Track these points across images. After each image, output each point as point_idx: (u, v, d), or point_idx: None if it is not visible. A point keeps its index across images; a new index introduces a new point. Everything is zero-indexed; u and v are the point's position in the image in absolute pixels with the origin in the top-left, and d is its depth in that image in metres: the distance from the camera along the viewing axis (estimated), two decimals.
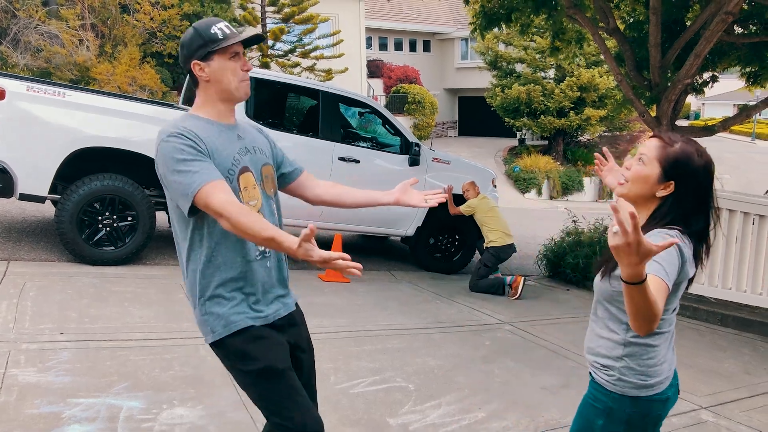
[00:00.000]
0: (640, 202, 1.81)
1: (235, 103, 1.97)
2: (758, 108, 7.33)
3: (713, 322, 5.94)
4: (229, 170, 1.89)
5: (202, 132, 1.87)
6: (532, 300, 6.50)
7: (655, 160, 1.77)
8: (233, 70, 1.90)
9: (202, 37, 1.88)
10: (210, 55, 1.88)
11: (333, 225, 6.69)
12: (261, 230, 1.71)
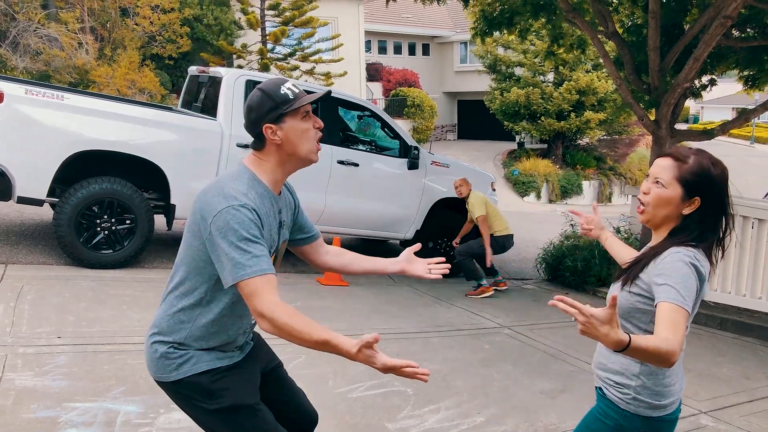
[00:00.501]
0: (665, 223, 1.80)
1: (301, 167, 1.87)
2: (757, 111, 7.33)
3: (712, 326, 5.93)
4: (270, 248, 1.80)
5: (262, 207, 1.78)
6: (532, 304, 6.49)
7: (675, 180, 1.75)
8: (306, 130, 1.81)
9: (272, 98, 1.78)
10: (282, 118, 1.78)
11: (332, 228, 6.68)
12: (313, 333, 1.60)
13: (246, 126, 1.83)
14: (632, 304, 1.75)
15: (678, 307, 1.58)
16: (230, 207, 1.69)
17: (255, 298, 1.64)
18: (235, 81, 6.06)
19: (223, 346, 1.86)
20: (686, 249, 1.69)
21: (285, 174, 1.87)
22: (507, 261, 8.90)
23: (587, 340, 4.48)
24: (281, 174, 1.86)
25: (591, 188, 23.28)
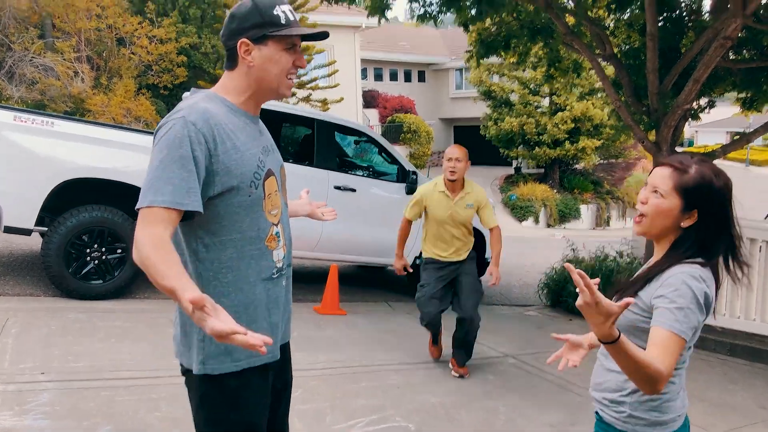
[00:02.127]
0: (664, 235, 1.71)
1: (271, 99, 1.72)
2: (758, 133, 7.26)
3: (722, 353, 5.76)
4: (255, 174, 1.62)
5: (227, 121, 1.58)
6: (535, 331, 6.31)
7: (673, 190, 1.65)
8: (285, 62, 1.64)
9: (261, 14, 1.61)
10: (265, 39, 1.61)
11: (329, 255, 6.52)
12: (165, 277, 1.38)
13: (222, 35, 1.65)
14: (632, 322, 1.65)
15: (673, 334, 1.49)
16: (168, 121, 1.53)
17: (138, 224, 1.45)
18: None
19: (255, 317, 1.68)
20: (691, 267, 1.60)
21: (256, 102, 1.71)
22: (509, 287, 8.73)
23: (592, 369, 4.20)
24: (254, 101, 1.70)
25: (589, 212, 23.20)
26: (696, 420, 4.09)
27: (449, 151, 4.41)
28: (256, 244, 1.64)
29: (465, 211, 4.46)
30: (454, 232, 4.48)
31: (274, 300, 1.71)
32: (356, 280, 7.77)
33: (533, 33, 8.02)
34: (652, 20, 6.51)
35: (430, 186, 4.55)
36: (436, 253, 4.55)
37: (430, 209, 4.51)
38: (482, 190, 4.58)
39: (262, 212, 1.64)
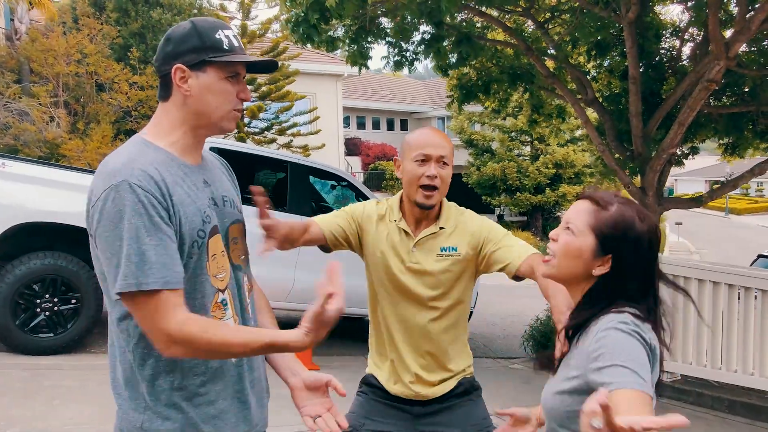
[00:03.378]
0: (574, 282, 1.43)
1: (213, 135, 1.48)
2: (745, 178, 7.12)
3: (720, 410, 5.41)
4: (199, 231, 1.37)
5: (168, 176, 1.34)
6: (522, 387, 5.94)
7: (588, 228, 1.39)
8: (228, 93, 1.42)
9: (201, 38, 1.40)
10: (204, 65, 1.39)
11: (302, 306, 6.15)
12: (252, 341, 1.30)
13: (156, 60, 1.41)
14: (569, 406, 1.33)
15: (638, 392, 1.14)
16: (108, 190, 1.26)
17: (156, 318, 1.25)
18: None
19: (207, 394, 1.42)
20: (618, 314, 1.31)
21: (197, 138, 1.45)
22: (492, 338, 8.37)
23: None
24: (192, 138, 1.44)
25: None
26: None
27: (422, 137, 1.99)
28: (201, 315, 1.37)
29: (437, 265, 1.98)
30: (418, 320, 2.01)
31: (225, 382, 1.43)
32: (331, 332, 7.36)
33: (513, 78, 7.93)
34: (634, 64, 6.42)
35: (367, 208, 2.10)
36: (381, 371, 2.11)
37: (369, 251, 2.07)
38: (479, 216, 2.13)
39: (206, 277, 1.39)
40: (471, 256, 1.98)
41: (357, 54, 7.13)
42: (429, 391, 2.01)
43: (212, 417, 1.39)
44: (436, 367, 2.01)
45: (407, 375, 2.00)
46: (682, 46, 8.05)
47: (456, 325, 2.02)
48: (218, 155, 1.62)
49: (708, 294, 5.55)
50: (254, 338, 1.31)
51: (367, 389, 2.11)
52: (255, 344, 1.30)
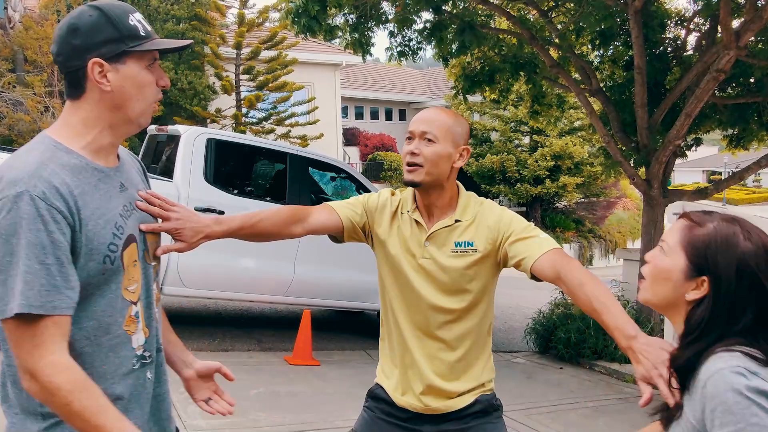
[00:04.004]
0: (670, 310, 1.27)
1: (131, 133, 1.35)
2: (751, 170, 7.03)
3: None
4: (110, 245, 1.24)
5: (78, 185, 1.21)
6: (525, 381, 5.85)
7: (679, 246, 1.24)
8: (150, 84, 1.31)
9: (114, 26, 1.25)
10: (123, 56, 1.26)
11: (302, 300, 6.05)
12: (103, 425, 1.15)
13: (59, 55, 1.26)
14: None
15: None
16: (8, 198, 1.14)
17: (30, 351, 1.13)
18: (195, 139, 5.55)
19: None
20: (728, 357, 1.13)
21: (114, 138, 1.32)
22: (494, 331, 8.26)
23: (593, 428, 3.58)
24: (108, 137, 1.30)
25: (571, 251, 22.99)
26: None
27: (416, 115, 1.87)
28: (114, 332, 1.27)
29: (452, 262, 1.79)
30: (432, 323, 1.82)
31: (135, 398, 1.33)
32: (332, 326, 7.28)
33: (516, 68, 7.81)
34: (640, 53, 6.29)
35: (381, 197, 1.92)
36: (389, 380, 1.92)
37: (379, 245, 1.89)
38: (501, 207, 1.88)
39: (119, 291, 1.28)
40: (490, 252, 1.76)
41: (357, 42, 7.00)
42: (441, 404, 1.80)
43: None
44: (450, 377, 1.80)
45: (418, 384, 1.81)
46: (688, 36, 7.92)
47: (475, 330, 1.81)
48: (128, 152, 1.48)
49: None
50: (109, 426, 1.16)
51: (372, 404, 1.92)
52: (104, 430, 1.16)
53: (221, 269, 5.48)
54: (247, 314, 7.21)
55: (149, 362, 1.36)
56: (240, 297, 5.88)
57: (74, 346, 1.22)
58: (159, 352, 1.42)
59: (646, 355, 1.31)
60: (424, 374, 1.79)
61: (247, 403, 4.25)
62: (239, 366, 5.13)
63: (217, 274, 5.49)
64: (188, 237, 1.52)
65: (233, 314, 7.10)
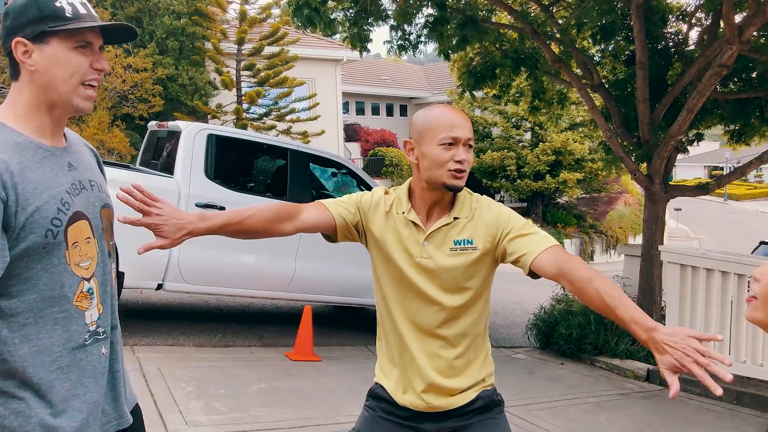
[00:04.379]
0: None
1: (68, 115, 1.37)
2: (753, 165, 6.99)
3: (728, 401, 5.33)
4: (53, 219, 1.28)
5: (18, 161, 1.26)
6: (526, 377, 5.85)
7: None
8: (76, 64, 1.32)
9: (39, 7, 1.30)
10: (45, 36, 1.30)
11: (303, 296, 6.05)
12: None
13: (0, 37, 1.32)
14: None
15: None
16: None
17: None
18: (196, 135, 5.54)
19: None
20: None
21: (54, 118, 1.36)
22: (494, 327, 8.28)
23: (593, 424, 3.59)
24: (48, 117, 1.34)
25: (573, 247, 22.99)
26: None
27: (445, 117, 1.76)
28: (61, 305, 1.31)
29: (451, 261, 1.78)
30: (431, 321, 1.80)
31: (90, 373, 1.36)
32: (333, 322, 7.28)
33: (517, 63, 7.79)
34: (642, 48, 6.27)
35: (375, 196, 1.90)
36: (389, 380, 1.90)
37: (375, 244, 1.86)
38: (498, 204, 1.90)
39: (65, 265, 1.32)
40: (488, 249, 1.75)
41: (356, 37, 6.98)
42: (443, 402, 1.79)
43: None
44: (451, 373, 1.79)
45: (419, 382, 1.79)
46: (689, 31, 7.89)
47: (473, 326, 1.81)
48: (81, 139, 1.51)
49: (716, 284, 5.44)
50: None
51: (373, 403, 1.90)
52: None
53: (222, 265, 5.48)
54: (248, 310, 7.22)
55: (103, 338, 1.40)
56: (241, 293, 5.88)
57: (17, 318, 1.26)
58: (114, 329, 1.46)
59: (671, 344, 1.29)
60: (424, 372, 1.78)
61: (248, 398, 4.26)
62: (240, 362, 5.13)
63: (218, 270, 5.49)
64: (170, 233, 1.53)
65: (234, 310, 7.11)
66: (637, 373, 6.03)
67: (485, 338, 1.89)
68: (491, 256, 1.78)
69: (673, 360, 1.29)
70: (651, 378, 5.95)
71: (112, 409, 1.45)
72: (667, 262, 5.83)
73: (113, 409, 1.45)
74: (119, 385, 1.47)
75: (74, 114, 1.39)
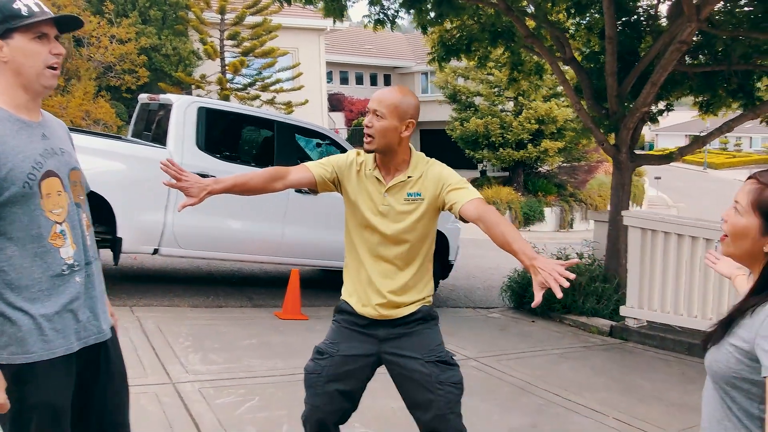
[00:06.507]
0: (749, 261, 1.49)
1: (39, 94, 1.77)
2: (713, 135, 7.41)
3: (681, 352, 5.84)
4: (29, 174, 1.70)
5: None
6: (498, 333, 6.31)
7: (751, 207, 1.44)
8: (37, 53, 1.71)
9: (1, 11, 1.68)
10: (10, 33, 1.69)
11: (290, 260, 6.42)
12: None
13: None
14: (737, 372, 1.40)
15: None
16: None
17: None
18: (187, 108, 5.82)
19: None
20: None
21: (29, 97, 1.76)
22: (472, 289, 8.74)
23: (557, 371, 4.23)
24: (23, 97, 1.75)
25: (553, 215, 23.49)
26: (655, 419, 4.13)
27: (373, 95, 2.33)
28: (39, 242, 1.73)
29: (404, 207, 2.30)
30: (387, 253, 2.33)
31: (72, 294, 1.79)
32: (319, 285, 7.68)
33: (494, 36, 8.06)
34: (611, 24, 6.60)
35: (348, 157, 2.41)
36: (352, 297, 2.41)
37: (347, 195, 2.38)
38: (443, 165, 2.38)
39: (41, 211, 1.74)
40: (433, 199, 2.30)
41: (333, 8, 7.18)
42: (392, 312, 2.35)
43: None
44: (399, 292, 2.34)
45: (375, 297, 2.34)
46: (659, 5, 8.20)
47: (420, 257, 2.37)
48: (57, 119, 1.94)
49: (673, 246, 5.90)
50: None
51: (339, 317, 2.47)
52: None
53: (214, 230, 5.82)
54: (238, 274, 7.59)
55: (77, 270, 1.81)
56: (232, 257, 6.24)
57: (7, 251, 1.69)
58: (88, 264, 1.86)
59: (543, 267, 1.80)
60: (379, 290, 2.34)
61: (241, 351, 4.65)
62: (232, 320, 5.52)
63: (211, 235, 5.84)
64: (195, 193, 2.09)
65: (225, 274, 7.48)
66: (600, 329, 6.52)
67: (429, 268, 2.44)
68: (435, 204, 2.31)
69: (542, 278, 1.77)
70: (614, 333, 6.45)
71: (91, 326, 1.84)
72: (630, 227, 6.27)
73: (93, 325, 1.84)
74: (97, 306, 1.87)
75: (45, 91, 1.76)
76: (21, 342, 1.69)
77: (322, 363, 2.45)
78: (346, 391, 2.43)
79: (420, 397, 2.36)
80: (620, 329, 6.40)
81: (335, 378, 2.40)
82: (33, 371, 1.69)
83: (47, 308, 1.73)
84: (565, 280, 1.74)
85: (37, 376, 1.70)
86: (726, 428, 1.46)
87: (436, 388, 2.32)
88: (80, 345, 1.80)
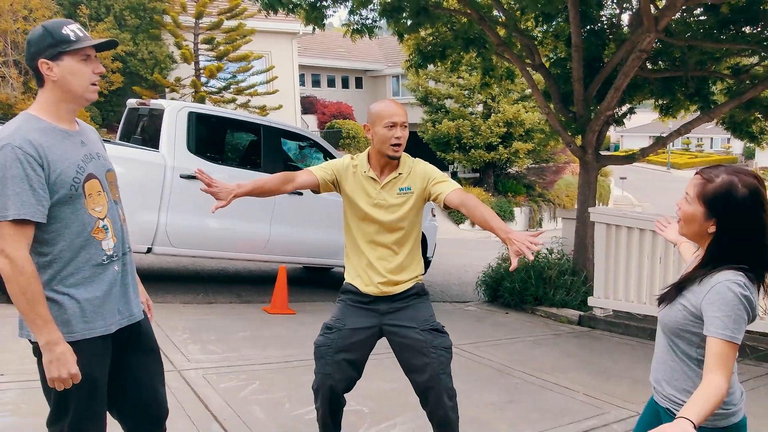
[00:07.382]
0: (698, 239, 1.84)
1: (81, 106, 2.02)
2: (672, 137, 7.92)
3: (644, 338, 6.29)
4: (74, 179, 1.94)
5: (46, 140, 1.90)
6: (475, 323, 6.69)
7: (696, 198, 1.78)
8: (83, 72, 1.96)
9: (52, 36, 1.92)
10: (59, 56, 1.92)
11: (277, 257, 6.71)
12: (37, 304, 1.82)
13: (27, 60, 1.99)
14: (682, 325, 1.79)
15: (728, 342, 1.64)
16: None
17: (5, 240, 1.81)
18: (178, 112, 6.08)
19: None
20: (735, 275, 1.70)
21: (70, 111, 2.01)
22: (448, 285, 9.13)
23: (531, 355, 4.80)
24: (65, 111, 2.00)
25: (522, 214, 24.10)
26: (622, 394, 4.54)
27: (388, 109, 2.70)
28: (83, 237, 1.99)
29: (397, 200, 2.73)
30: (384, 240, 2.75)
31: (110, 281, 2.05)
32: (304, 282, 7.97)
33: (467, 43, 8.46)
34: (577, 32, 7.04)
35: (344, 161, 2.83)
36: (356, 279, 2.81)
37: (346, 193, 2.79)
38: (426, 163, 2.86)
39: (85, 209, 1.99)
40: (420, 191, 2.75)
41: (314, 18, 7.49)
42: (391, 289, 2.78)
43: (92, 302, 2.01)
44: (398, 272, 2.77)
45: (376, 277, 2.76)
46: (622, 14, 8.71)
47: (411, 241, 2.81)
48: (89, 125, 2.20)
49: (635, 239, 6.36)
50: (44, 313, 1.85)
51: (344, 297, 2.85)
52: (36, 309, 1.84)
53: (205, 230, 6.08)
54: (224, 273, 7.84)
55: (116, 259, 2.07)
56: (222, 255, 6.50)
57: (58, 245, 1.94)
58: (125, 254, 2.12)
59: (517, 238, 2.24)
60: (380, 271, 2.77)
61: (237, 343, 4.93)
62: (224, 315, 5.78)
63: (202, 234, 6.10)
64: (224, 197, 2.46)
65: (213, 272, 7.72)
66: (570, 319, 6.96)
67: (418, 250, 2.87)
68: (422, 196, 2.76)
69: (516, 247, 2.20)
70: (582, 322, 6.89)
71: (124, 309, 2.09)
72: (597, 222, 6.72)
73: (125, 309, 2.09)
74: (129, 292, 2.12)
75: (84, 105, 2.03)
76: (66, 323, 1.94)
77: (331, 336, 2.76)
78: (353, 360, 2.77)
79: (417, 361, 2.74)
80: (588, 318, 6.85)
81: (343, 349, 2.74)
82: (76, 348, 1.94)
83: (89, 293, 1.98)
84: (534, 245, 2.18)
85: (80, 353, 1.94)
86: (672, 367, 1.89)
87: (430, 352, 2.70)
88: (117, 326, 2.07)
